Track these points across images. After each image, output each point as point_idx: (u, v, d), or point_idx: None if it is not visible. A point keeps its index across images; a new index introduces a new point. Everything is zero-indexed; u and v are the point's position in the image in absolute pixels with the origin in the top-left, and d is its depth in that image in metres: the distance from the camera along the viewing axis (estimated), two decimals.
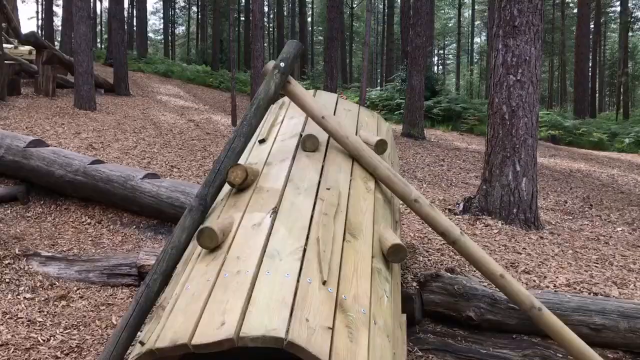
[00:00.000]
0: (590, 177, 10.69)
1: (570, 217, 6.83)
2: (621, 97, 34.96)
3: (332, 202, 3.05)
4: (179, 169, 7.74)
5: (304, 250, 2.66)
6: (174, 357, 2.73)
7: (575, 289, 4.06)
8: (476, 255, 3.47)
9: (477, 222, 5.72)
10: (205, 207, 3.23)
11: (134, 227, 5.81)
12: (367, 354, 2.35)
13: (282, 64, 3.45)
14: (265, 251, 2.64)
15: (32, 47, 15.63)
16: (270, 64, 3.51)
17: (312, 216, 2.93)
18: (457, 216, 6.00)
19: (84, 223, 5.86)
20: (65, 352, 3.87)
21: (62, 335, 4.10)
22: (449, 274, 4.04)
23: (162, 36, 48.69)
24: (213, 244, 2.72)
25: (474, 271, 4.31)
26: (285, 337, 2.18)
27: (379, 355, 2.39)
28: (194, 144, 9.65)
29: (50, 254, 5.07)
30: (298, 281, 2.46)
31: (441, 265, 4.38)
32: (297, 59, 3.69)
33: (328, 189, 3.18)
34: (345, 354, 2.26)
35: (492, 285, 3.98)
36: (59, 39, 28.66)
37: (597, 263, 4.77)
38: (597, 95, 36.88)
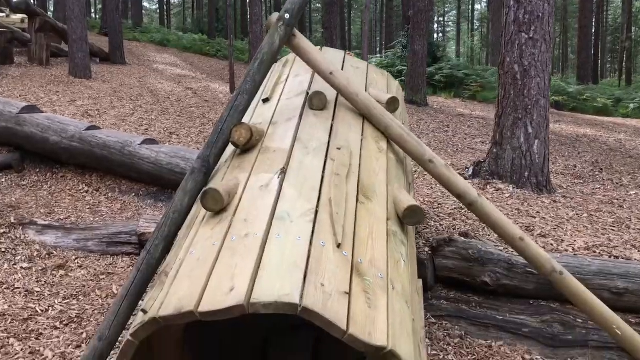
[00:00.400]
0: (597, 142, 10.49)
1: (581, 181, 6.65)
2: (624, 63, 34.50)
3: (344, 162, 2.86)
4: (177, 135, 7.53)
5: (316, 212, 2.48)
6: (178, 326, 2.57)
7: (594, 252, 3.90)
8: (494, 217, 3.30)
9: (488, 187, 5.54)
10: (208, 169, 3.03)
11: (133, 194, 5.62)
12: (386, 320, 2.18)
13: (286, 16, 3.22)
14: (274, 213, 2.45)
15: (24, 16, 15.23)
16: (274, 16, 3.27)
17: (322, 177, 2.74)
18: (466, 181, 5.80)
19: (82, 191, 5.68)
20: (64, 323, 3.72)
21: (61, 306, 3.95)
22: (463, 238, 3.87)
23: (157, 5, 47.78)
24: (218, 206, 2.53)
25: (488, 235, 4.14)
26: (299, 302, 2.01)
27: (399, 322, 2.23)
28: (193, 111, 9.41)
29: (46, 223, 4.90)
30: (311, 244, 2.28)
31: (453, 229, 4.21)
32: (302, 11, 3.46)
33: (339, 148, 2.98)
34: (363, 320, 2.09)
35: (508, 250, 3.82)
36: (52, 8, 28.09)
37: (614, 226, 4.61)
38: (599, 61, 36.37)
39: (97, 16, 39.83)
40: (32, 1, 17.42)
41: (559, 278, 3.22)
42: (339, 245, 2.33)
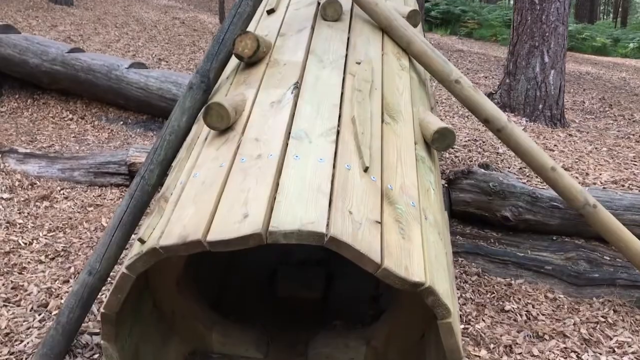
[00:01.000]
0: (600, 79, 10.14)
1: (593, 117, 6.35)
2: (620, 3, 33.71)
3: (365, 78, 2.51)
4: (167, 62, 7.07)
5: (338, 132, 2.15)
6: (178, 260, 2.27)
7: (623, 186, 3.63)
8: (524, 145, 2.99)
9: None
10: (208, 85, 2.67)
11: (121, 123, 5.24)
12: (422, 253, 1.89)
13: None
14: (290, 132, 2.12)
15: None
16: None
17: (342, 93, 2.40)
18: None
19: (66, 119, 5.28)
20: (50, 257, 3.43)
21: (45, 239, 3.64)
22: (482, 170, 3.57)
23: None
24: (224, 123, 2.19)
25: (509, 168, 3.85)
26: (326, 232, 1.71)
27: (434, 256, 1.95)
28: (181, 39, 8.88)
29: (28, 151, 4.53)
30: (334, 167, 1.97)
31: (470, 161, 3.91)
32: None
33: (358, 63, 2.62)
34: (398, 252, 1.80)
35: (531, 182, 3.54)
36: None
37: (635, 161, 4.34)
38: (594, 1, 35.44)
39: None
40: None
41: (592, 212, 2.95)
42: (366, 169, 2.01)
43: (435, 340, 2.25)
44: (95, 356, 2.57)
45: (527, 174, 3.82)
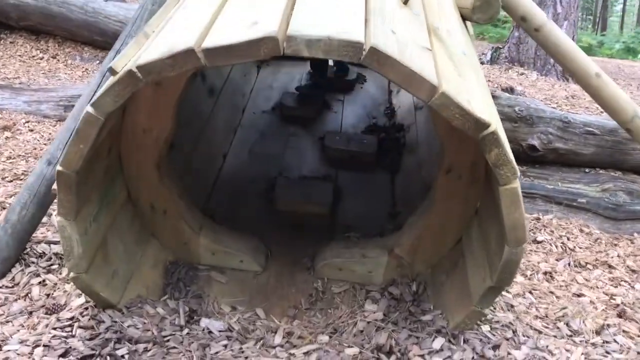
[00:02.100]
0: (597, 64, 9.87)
1: None
2: (600, 13, 33.91)
3: None
4: None
5: None
6: (160, 128, 1.80)
7: None
8: (565, 46, 2.57)
9: (510, 72, 4.83)
10: None
11: (97, 62, 4.74)
12: (482, 96, 1.46)
13: None
14: None
15: None
16: None
17: None
18: (483, 65, 5.09)
19: (35, 58, 4.77)
20: (8, 180, 2.93)
21: (4, 164, 3.14)
22: (507, 94, 3.16)
23: None
24: None
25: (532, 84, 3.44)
26: (364, 40, 1.27)
27: (490, 104, 1.52)
28: None
29: None
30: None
31: (493, 87, 3.49)
32: None
33: None
34: (457, 83, 1.37)
35: (561, 107, 3.14)
36: None
37: None
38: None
39: None
40: None
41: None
42: (406, 2, 1.57)
43: (477, 243, 1.82)
44: (54, 267, 2.09)
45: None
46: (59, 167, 1.47)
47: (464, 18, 2.11)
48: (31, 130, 3.73)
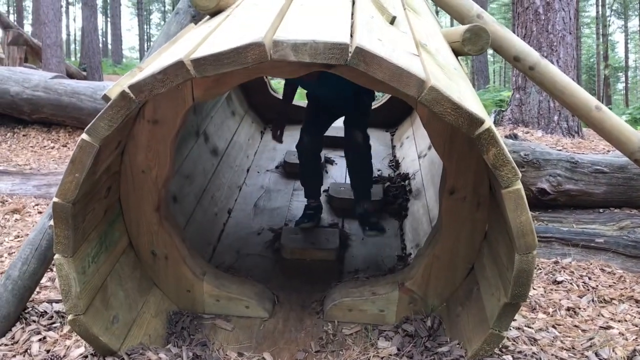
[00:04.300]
0: None
1: None
2: (602, 90, 34.56)
3: None
4: None
5: (353, 2, 1.76)
6: (159, 167, 1.80)
7: None
8: (562, 82, 2.60)
9: (515, 131, 4.85)
10: (197, 11, 2.32)
11: None
12: (474, 98, 1.46)
13: None
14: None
15: None
16: None
17: None
18: None
19: (47, 147, 4.89)
20: (14, 255, 2.91)
21: (11, 242, 3.14)
22: (511, 140, 3.16)
23: (138, 53, 47.06)
24: (213, 1, 1.79)
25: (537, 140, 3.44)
26: (349, 42, 1.28)
27: (483, 110, 1.51)
28: None
29: (1, 168, 4.10)
30: (352, 16, 1.56)
31: None
32: None
33: None
34: (446, 82, 1.37)
35: (566, 148, 3.11)
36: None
37: None
38: None
39: (76, 57, 39.11)
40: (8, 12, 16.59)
41: None
42: (393, 20, 1.61)
43: (489, 267, 1.75)
44: (56, 325, 2.02)
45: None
46: (54, 199, 1.46)
47: (457, 53, 2.15)
48: (40, 213, 3.74)
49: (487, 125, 1.34)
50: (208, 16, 2.01)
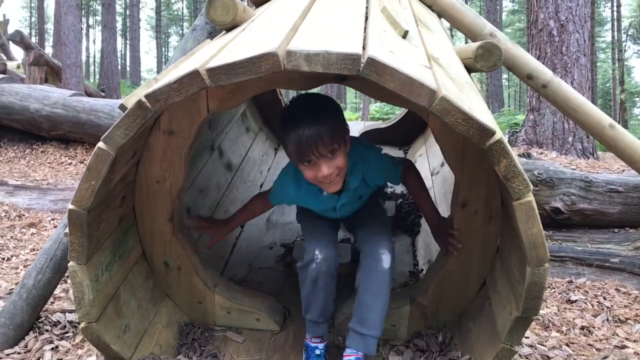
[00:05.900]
0: None
1: None
2: (618, 114, 34.37)
3: (393, 8, 2.20)
4: None
5: (366, 17, 1.79)
6: (173, 178, 1.82)
7: None
8: (575, 101, 2.61)
9: (530, 151, 4.84)
10: (214, 27, 2.37)
11: None
12: (485, 110, 1.47)
13: None
14: (308, 12, 1.77)
15: (20, 62, 14.87)
16: None
17: (367, 6, 2.07)
18: None
19: (64, 164, 4.96)
20: (28, 267, 2.94)
21: (27, 255, 3.19)
22: (525, 159, 3.15)
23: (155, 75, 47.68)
24: (229, 16, 1.83)
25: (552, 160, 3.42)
26: (361, 53, 1.31)
27: (494, 122, 1.51)
28: None
29: (19, 183, 4.17)
30: (365, 31, 1.59)
31: None
32: None
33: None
34: (457, 94, 1.38)
35: (581, 168, 3.10)
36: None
37: None
38: None
39: (95, 78, 39.77)
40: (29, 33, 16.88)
41: None
42: (405, 34, 1.63)
43: (501, 280, 1.74)
44: (68, 334, 2.03)
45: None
46: (70, 206, 1.48)
47: (469, 70, 2.16)
48: (55, 227, 3.79)
49: (498, 136, 1.34)
50: (224, 31, 2.05)
